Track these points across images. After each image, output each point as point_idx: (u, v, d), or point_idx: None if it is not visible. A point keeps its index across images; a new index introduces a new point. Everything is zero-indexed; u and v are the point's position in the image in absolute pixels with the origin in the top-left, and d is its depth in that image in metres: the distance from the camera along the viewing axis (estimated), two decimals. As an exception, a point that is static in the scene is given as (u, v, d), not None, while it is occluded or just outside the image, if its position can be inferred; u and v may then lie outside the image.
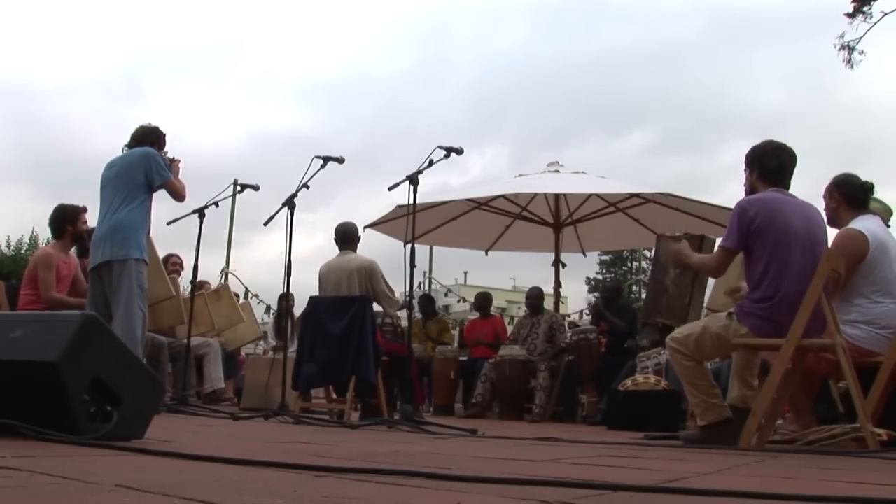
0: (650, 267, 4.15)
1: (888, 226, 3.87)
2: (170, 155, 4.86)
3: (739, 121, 67.44)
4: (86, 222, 5.52)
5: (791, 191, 3.51)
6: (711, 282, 4.21)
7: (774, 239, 3.30)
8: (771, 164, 3.47)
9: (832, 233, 3.70)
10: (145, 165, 4.61)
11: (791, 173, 3.50)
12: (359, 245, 5.58)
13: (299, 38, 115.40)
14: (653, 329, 6.39)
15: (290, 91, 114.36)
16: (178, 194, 4.76)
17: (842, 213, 3.67)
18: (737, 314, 3.36)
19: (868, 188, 3.72)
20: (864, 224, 3.56)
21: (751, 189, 3.53)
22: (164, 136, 4.94)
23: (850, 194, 3.69)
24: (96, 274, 4.60)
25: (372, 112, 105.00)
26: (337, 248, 5.52)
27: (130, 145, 4.84)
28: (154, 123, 4.95)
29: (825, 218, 3.74)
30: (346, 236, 5.50)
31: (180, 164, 4.87)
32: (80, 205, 5.53)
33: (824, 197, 3.75)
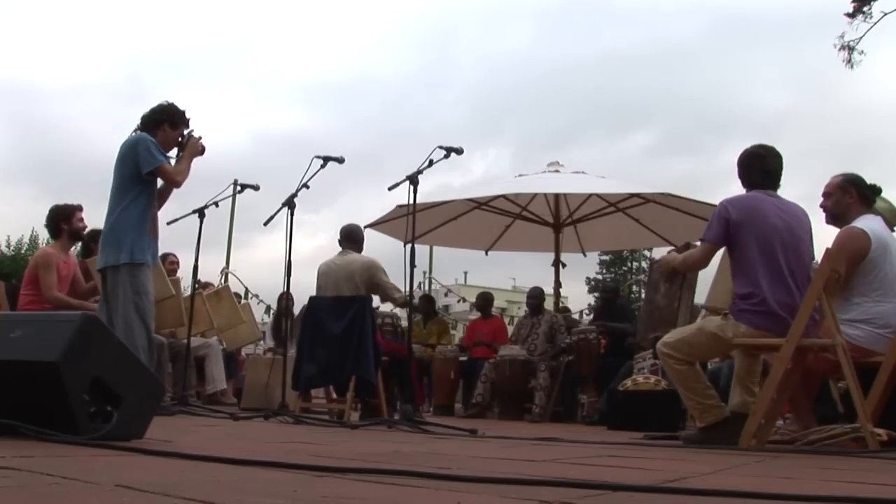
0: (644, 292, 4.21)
1: (894, 225, 3.88)
2: (196, 134, 4.37)
3: (741, 122, 67.46)
4: (82, 220, 5.50)
5: (789, 190, 3.57)
6: (707, 283, 4.22)
7: (754, 236, 3.38)
8: (756, 171, 3.56)
9: (832, 230, 3.72)
10: (134, 155, 4.16)
11: (777, 175, 3.58)
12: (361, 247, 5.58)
13: (303, 39, 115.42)
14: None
15: (294, 92, 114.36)
16: (170, 178, 4.24)
17: (854, 210, 3.67)
18: (732, 313, 3.39)
19: (877, 190, 3.76)
20: (867, 223, 3.57)
21: None
22: (181, 113, 4.36)
23: (864, 193, 3.70)
24: (101, 277, 4.42)
25: (376, 113, 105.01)
26: (339, 246, 5.52)
27: (139, 128, 4.35)
28: (170, 101, 4.40)
29: (825, 215, 3.76)
30: (351, 236, 5.50)
31: (200, 143, 4.35)
32: (75, 203, 5.51)
33: (831, 192, 3.72)
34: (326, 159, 4.98)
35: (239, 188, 6.69)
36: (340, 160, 5.00)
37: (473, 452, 2.67)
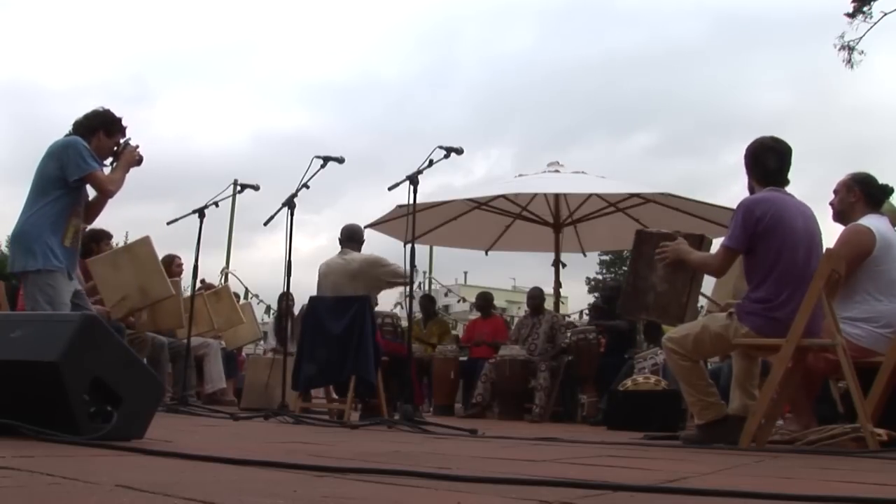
0: (630, 259, 4.01)
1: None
2: (133, 142, 4.08)
3: (742, 122, 67.50)
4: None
5: (791, 190, 3.52)
6: (710, 282, 4.20)
7: (780, 239, 3.30)
8: (766, 164, 3.48)
9: (837, 228, 3.71)
10: (62, 158, 3.84)
11: (787, 169, 3.52)
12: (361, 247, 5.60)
13: (306, 39, 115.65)
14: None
15: (297, 92, 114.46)
16: (102, 187, 3.94)
17: (858, 209, 3.66)
18: (737, 314, 3.35)
19: (888, 191, 3.74)
20: (872, 222, 3.57)
21: (751, 189, 3.55)
22: (117, 120, 4.07)
23: (871, 193, 3.69)
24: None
25: (378, 113, 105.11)
26: (340, 246, 5.54)
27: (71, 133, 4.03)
28: (106, 107, 4.11)
29: (832, 212, 3.75)
30: (350, 235, 5.52)
31: (137, 152, 4.04)
32: None
33: (838, 190, 3.73)
34: (326, 159, 4.98)
35: (239, 188, 6.70)
36: (340, 160, 5.00)
37: (473, 452, 2.67)
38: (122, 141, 4.08)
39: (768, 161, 3.47)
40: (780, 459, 2.78)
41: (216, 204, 5.44)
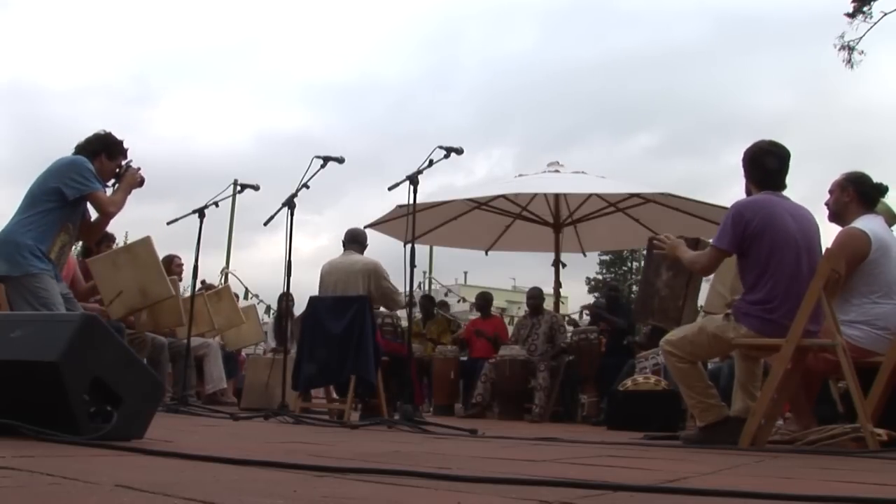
0: (642, 267, 4.12)
1: (893, 224, 3.87)
2: (134, 165, 4.15)
3: (743, 123, 67.37)
4: None
5: (791, 191, 3.53)
6: (707, 284, 4.21)
7: (771, 242, 3.31)
8: (764, 168, 3.49)
9: (833, 228, 3.71)
10: (63, 175, 3.88)
11: (785, 173, 3.52)
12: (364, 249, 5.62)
13: (308, 40, 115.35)
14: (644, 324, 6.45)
15: (299, 93, 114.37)
16: (102, 207, 4.00)
17: (852, 209, 3.65)
18: (734, 315, 3.36)
19: (883, 190, 3.73)
20: (867, 224, 3.56)
21: (747, 192, 3.56)
22: (118, 143, 4.13)
23: (864, 192, 3.68)
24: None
25: (380, 114, 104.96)
26: (343, 247, 5.56)
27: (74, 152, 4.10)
28: (107, 130, 4.18)
29: (828, 212, 3.75)
30: (354, 237, 5.58)
31: (139, 175, 4.12)
32: None
33: (833, 190, 3.73)
34: (326, 159, 4.98)
35: (239, 188, 6.70)
36: (340, 160, 5.00)
37: (473, 452, 2.67)
38: (124, 163, 4.15)
39: (765, 164, 3.49)
40: (780, 459, 2.78)
41: (216, 204, 5.44)
